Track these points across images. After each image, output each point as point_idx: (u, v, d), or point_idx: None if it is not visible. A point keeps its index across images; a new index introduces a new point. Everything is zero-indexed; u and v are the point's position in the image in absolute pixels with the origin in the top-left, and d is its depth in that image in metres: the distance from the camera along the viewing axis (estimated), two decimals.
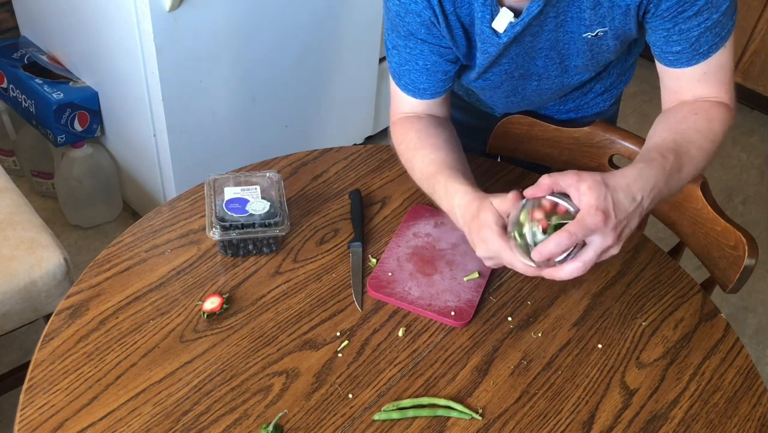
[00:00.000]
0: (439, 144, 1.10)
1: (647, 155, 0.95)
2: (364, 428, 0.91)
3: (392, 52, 1.11)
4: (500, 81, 1.18)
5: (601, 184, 0.87)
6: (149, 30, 1.65)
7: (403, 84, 1.13)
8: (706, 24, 0.96)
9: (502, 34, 1.00)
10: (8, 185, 1.61)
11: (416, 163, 1.09)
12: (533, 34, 1.04)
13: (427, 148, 1.09)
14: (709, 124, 1.01)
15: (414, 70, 1.10)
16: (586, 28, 1.01)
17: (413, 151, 1.11)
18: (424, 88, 1.12)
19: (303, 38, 2.02)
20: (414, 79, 1.11)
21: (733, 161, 2.85)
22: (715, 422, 0.96)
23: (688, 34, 0.97)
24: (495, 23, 0.99)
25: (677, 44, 0.99)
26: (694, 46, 0.99)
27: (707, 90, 1.03)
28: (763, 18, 2.79)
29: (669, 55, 1.02)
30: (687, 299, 1.12)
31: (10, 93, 2.06)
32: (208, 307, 1.02)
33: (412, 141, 1.12)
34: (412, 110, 1.16)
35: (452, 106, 1.41)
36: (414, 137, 1.12)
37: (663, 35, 0.99)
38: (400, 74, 1.13)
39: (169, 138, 1.86)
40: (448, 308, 1.05)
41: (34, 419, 0.88)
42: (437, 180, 1.04)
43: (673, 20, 0.97)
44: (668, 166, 0.94)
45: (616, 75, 1.29)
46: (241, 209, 1.10)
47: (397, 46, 1.09)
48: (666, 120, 1.04)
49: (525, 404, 0.96)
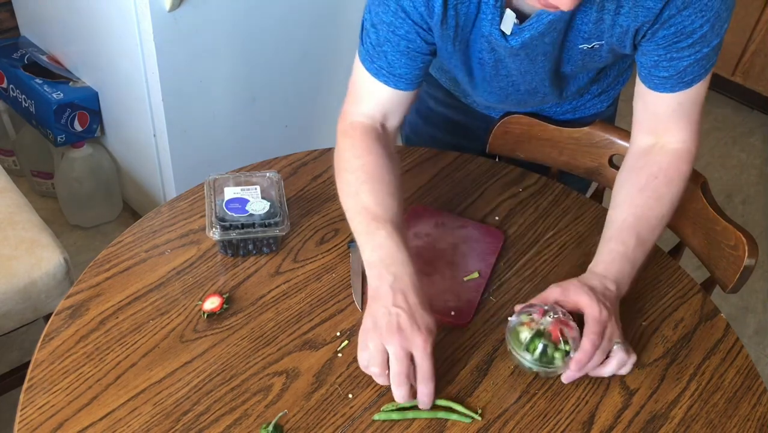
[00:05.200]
0: (395, 193, 1.04)
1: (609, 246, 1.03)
2: (364, 428, 0.91)
3: (370, 30, 1.04)
4: (507, 92, 1.19)
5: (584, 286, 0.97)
6: (149, 30, 1.65)
7: (376, 68, 1.05)
8: (696, 56, 0.99)
9: (511, 38, 1.00)
10: (8, 185, 1.61)
11: (363, 194, 1.02)
12: (545, 54, 1.04)
13: (385, 185, 1.03)
14: (668, 188, 1.06)
15: (394, 51, 1.03)
16: (583, 40, 1.02)
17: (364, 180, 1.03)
18: (400, 73, 1.05)
19: (303, 38, 2.02)
20: (392, 61, 1.04)
21: (733, 161, 2.85)
22: (715, 422, 0.96)
23: (678, 63, 1.00)
24: (503, 25, 0.99)
25: (666, 71, 1.01)
26: (681, 75, 1.01)
27: (676, 128, 1.07)
28: (763, 18, 2.79)
29: (655, 78, 1.03)
30: (687, 299, 1.12)
31: (10, 93, 2.06)
32: (208, 307, 1.02)
33: (370, 165, 1.05)
34: (372, 110, 1.09)
35: (450, 107, 1.42)
36: (373, 162, 1.05)
37: (654, 59, 1.02)
38: (375, 56, 1.05)
39: (169, 138, 1.86)
40: (448, 308, 1.05)
41: (34, 419, 0.88)
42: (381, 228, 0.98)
43: (667, 48, 0.99)
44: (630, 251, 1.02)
45: (613, 77, 1.29)
46: (241, 209, 1.10)
47: (379, 23, 1.03)
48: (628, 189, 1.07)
49: (525, 404, 0.96)
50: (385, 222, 0.99)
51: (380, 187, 1.03)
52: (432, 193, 1.26)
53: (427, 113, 1.45)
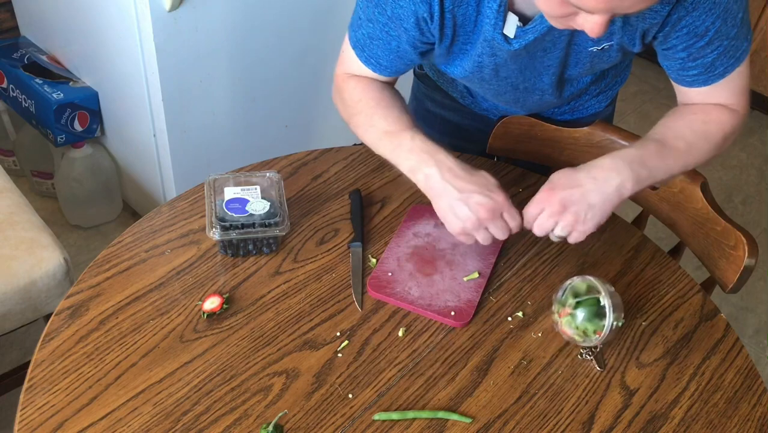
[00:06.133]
0: (403, 107, 1.11)
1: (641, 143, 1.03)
2: (364, 428, 0.91)
3: (366, 24, 1.08)
4: (504, 90, 1.19)
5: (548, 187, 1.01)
6: (149, 30, 1.65)
7: (365, 57, 1.11)
8: (718, 50, 1.00)
9: (514, 40, 1.00)
10: (8, 185, 1.61)
11: (377, 120, 1.08)
12: (545, 50, 1.04)
13: (391, 108, 1.09)
14: (704, 125, 1.05)
15: (383, 48, 1.08)
16: (593, 42, 1.02)
17: (374, 109, 1.10)
18: (385, 66, 1.11)
19: (303, 38, 2.02)
20: (378, 55, 1.10)
21: (733, 161, 2.85)
22: (715, 422, 0.96)
23: (702, 60, 1.01)
24: (506, 29, 0.99)
25: (693, 69, 1.03)
26: (709, 70, 1.03)
27: (719, 97, 1.07)
28: (763, 18, 2.79)
29: (686, 78, 1.05)
30: (687, 299, 1.12)
31: (10, 93, 2.06)
32: (208, 307, 1.02)
33: (373, 99, 1.11)
34: (362, 74, 1.15)
35: (448, 109, 1.42)
36: (377, 96, 1.11)
37: (678, 63, 1.03)
38: (366, 46, 1.10)
39: (169, 138, 1.86)
40: (448, 308, 1.05)
41: (34, 419, 0.88)
42: (404, 136, 1.04)
43: (687, 51, 1.00)
44: (646, 152, 1.00)
45: (611, 77, 1.29)
46: (241, 209, 1.10)
47: (374, 20, 1.06)
48: (664, 117, 1.08)
49: (525, 404, 0.96)
50: (404, 131, 1.05)
51: (389, 111, 1.09)
52: None
53: (425, 115, 1.45)
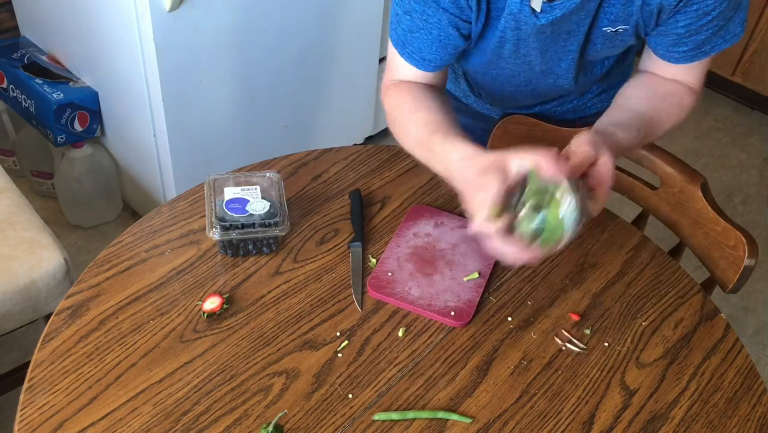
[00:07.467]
0: (435, 107, 1.08)
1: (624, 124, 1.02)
2: (364, 428, 0.91)
3: (403, 18, 1.06)
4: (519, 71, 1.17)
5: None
6: (149, 30, 1.65)
7: (408, 53, 1.09)
8: (713, 29, 1.01)
9: (541, 15, 0.99)
10: (8, 185, 1.61)
11: (411, 126, 1.07)
12: (569, 32, 1.04)
13: (422, 110, 1.07)
14: (678, 110, 1.11)
15: (425, 38, 1.06)
16: (609, 22, 1.02)
17: (408, 114, 1.08)
18: (429, 59, 1.09)
19: (303, 38, 2.02)
20: (421, 48, 1.08)
21: (732, 161, 2.85)
22: (715, 422, 0.96)
23: (696, 38, 1.02)
24: (533, 2, 0.98)
25: (686, 45, 1.04)
26: (699, 47, 1.04)
27: (688, 75, 1.11)
28: (763, 18, 2.79)
29: (675, 54, 1.06)
30: (687, 299, 1.12)
31: (10, 93, 2.06)
32: (208, 307, 1.02)
33: (407, 105, 1.09)
34: (408, 79, 1.14)
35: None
36: (409, 101, 1.09)
37: (673, 39, 1.03)
38: (407, 42, 1.08)
39: (169, 138, 1.86)
40: (448, 308, 1.05)
41: (34, 419, 0.88)
42: (433, 140, 1.01)
43: (687, 27, 1.00)
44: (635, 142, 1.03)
45: (615, 75, 1.29)
46: (241, 209, 1.10)
47: (411, 11, 1.05)
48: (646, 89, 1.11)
49: (525, 404, 0.96)
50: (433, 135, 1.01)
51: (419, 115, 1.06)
52: (432, 194, 1.26)
53: None
